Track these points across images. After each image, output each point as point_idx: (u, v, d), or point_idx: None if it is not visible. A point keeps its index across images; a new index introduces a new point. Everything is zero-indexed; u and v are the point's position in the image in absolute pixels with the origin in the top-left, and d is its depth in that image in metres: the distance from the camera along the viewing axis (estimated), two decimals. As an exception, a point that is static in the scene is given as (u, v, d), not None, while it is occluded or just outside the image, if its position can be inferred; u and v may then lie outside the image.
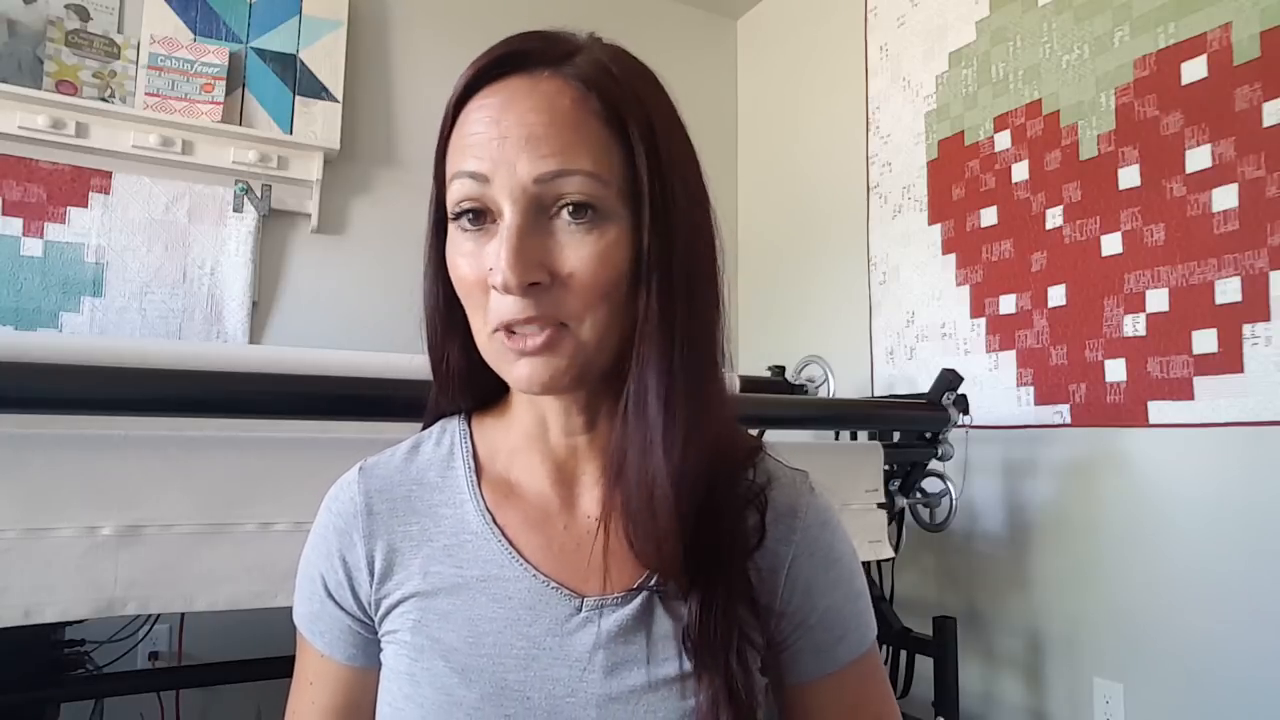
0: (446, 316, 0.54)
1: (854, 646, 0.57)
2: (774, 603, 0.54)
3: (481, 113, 0.48)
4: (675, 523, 0.48)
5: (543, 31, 0.50)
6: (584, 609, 0.51)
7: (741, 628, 0.50)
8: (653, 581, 0.51)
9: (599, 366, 0.50)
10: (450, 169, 0.49)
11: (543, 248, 0.47)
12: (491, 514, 0.54)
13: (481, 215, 0.48)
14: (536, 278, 0.46)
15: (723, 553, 0.51)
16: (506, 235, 0.46)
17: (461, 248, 0.49)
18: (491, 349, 0.50)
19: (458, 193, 0.48)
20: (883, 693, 0.60)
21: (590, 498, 0.55)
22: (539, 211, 0.47)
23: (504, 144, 0.47)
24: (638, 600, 0.51)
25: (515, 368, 0.48)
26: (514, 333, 0.47)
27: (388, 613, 0.54)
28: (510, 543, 0.53)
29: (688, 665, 0.50)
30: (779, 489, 0.57)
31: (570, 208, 0.47)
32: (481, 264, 0.48)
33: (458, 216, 0.49)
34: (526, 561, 0.52)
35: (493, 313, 0.48)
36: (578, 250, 0.47)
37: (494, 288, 0.47)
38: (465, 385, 0.57)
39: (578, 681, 0.50)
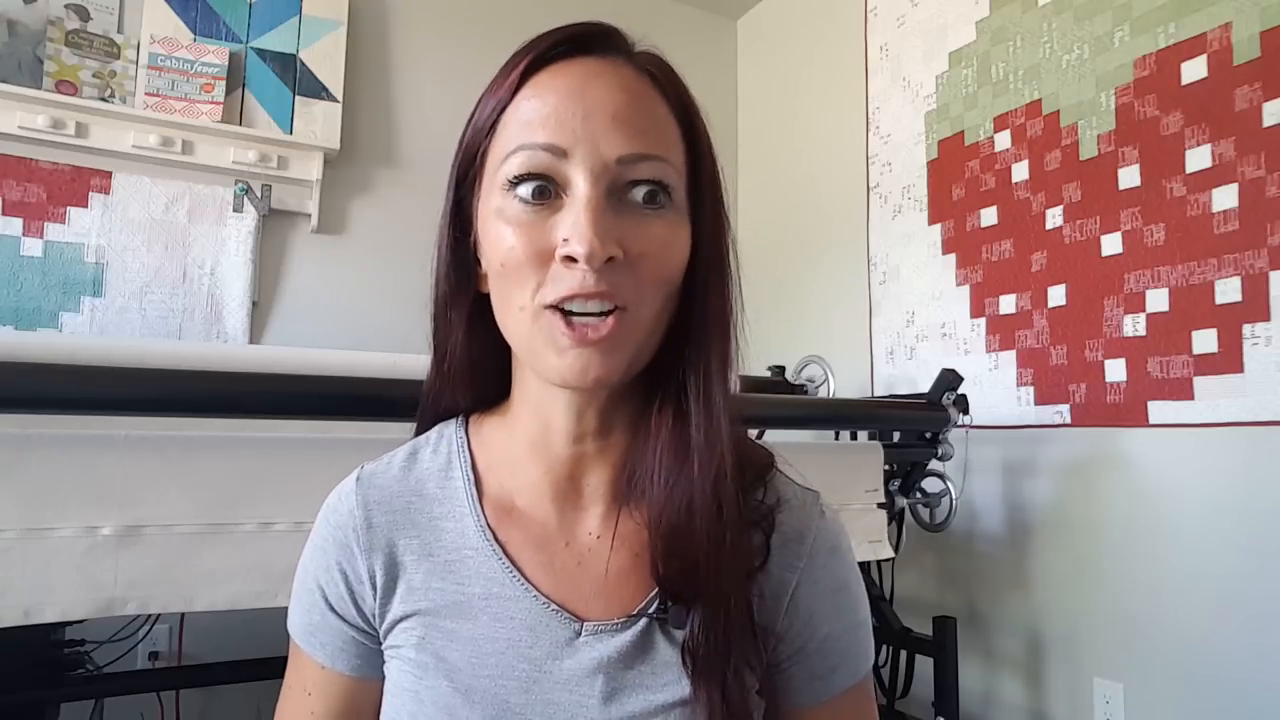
0: (455, 298, 0.53)
1: (849, 676, 0.56)
2: (774, 627, 0.53)
3: (558, 84, 0.47)
4: (709, 536, 0.48)
5: (605, 23, 0.51)
6: (583, 633, 0.50)
7: (740, 648, 0.49)
8: (652, 608, 0.51)
9: (641, 362, 0.49)
10: (511, 140, 0.47)
11: (618, 225, 0.46)
12: (492, 530, 0.53)
13: (544, 188, 0.46)
14: (614, 252, 0.45)
15: (726, 572, 0.50)
16: (588, 206, 0.45)
17: (515, 218, 0.46)
18: (534, 330, 0.47)
19: (523, 164, 0.46)
20: None
21: (594, 514, 0.53)
22: (612, 190, 0.46)
23: (588, 120, 0.46)
24: (638, 626, 0.50)
25: (565, 356, 0.46)
26: (571, 317, 0.45)
27: (391, 627, 0.53)
28: (511, 561, 0.52)
29: (686, 691, 0.49)
30: (788, 511, 0.55)
31: (644, 191, 0.47)
32: (542, 236, 0.46)
33: (516, 185, 0.46)
34: (527, 581, 0.51)
35: (553, 286, 0.45)
36: (649, 232, 0.47)
37: (568, 258, 0.45)
38: (468, 379, 0.55)
39: (578, 706, 0.49)
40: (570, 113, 0.46)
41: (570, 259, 0.44)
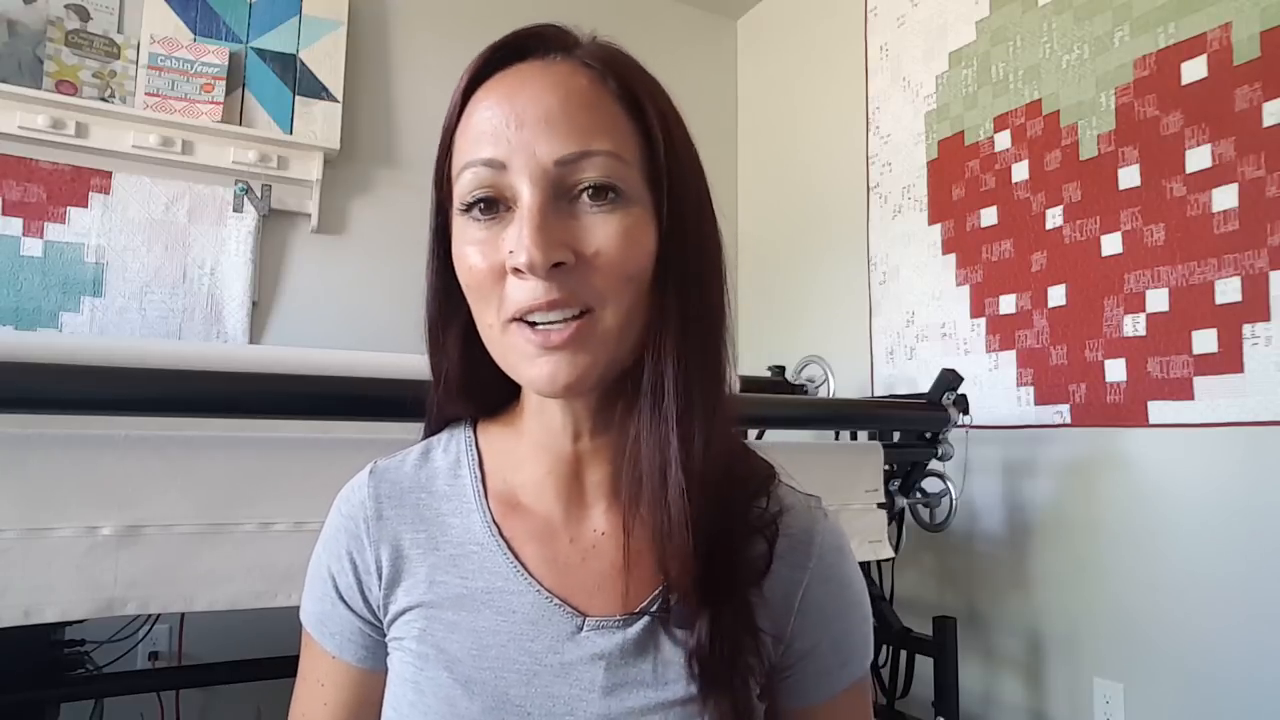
0: (447, 321, 0.53)
1: (856, 670, 0.57)
2: (784, 629, 0.54)
3: (492, 98, 0.47)
4: (691, 525, 0.47)
5: (548, 24, 0.50)
6: (585, 628, 0.50)
7: (745, 653, 0.50)
8: (655, 606, 0.51)
9: (620, 362, 0.48)
10: (459, 161, 0.47)
11: (566, 228, 0.45)
12: (498, 525, 0.53)
13: (494, 204, 0.46)
14: (561, 257, 0.44)
15: (731, 579, 0.50)
16: (528, 214, 0.44)
17: (472, 237, 0.47)
18: (505, 344, 0.47)
19: (469, 183, 0.46)
20: (869, 713, 0.60)
21: (598, 510, 0.54)
22: (559, 194, 0.45)
23: (520, 128, 0.45)
24: (641, 624, 0.51)
25: (535, 365, 0.46)
26: (535, 326, 0.45)
27: (395, 619, 0.53)
28: (515, 555, 0.52)
29: (687, 690, 0.49)
30: (793, 515, 0.55)
31: (593, 190, 0.45)
32: (495, 252, 0.46)
33: (469, 208, 0.47)
34: (530, 575, 0.52)
35: (509, 300, 0.45)
36: (603, 229, 0.45)
37: (515, 270, 0.44)
38: (466, 392, 0.56)
39: (578, 699, 0.49)
40: (503, 122, 0.45)
41: (519, 270, 0.44)
